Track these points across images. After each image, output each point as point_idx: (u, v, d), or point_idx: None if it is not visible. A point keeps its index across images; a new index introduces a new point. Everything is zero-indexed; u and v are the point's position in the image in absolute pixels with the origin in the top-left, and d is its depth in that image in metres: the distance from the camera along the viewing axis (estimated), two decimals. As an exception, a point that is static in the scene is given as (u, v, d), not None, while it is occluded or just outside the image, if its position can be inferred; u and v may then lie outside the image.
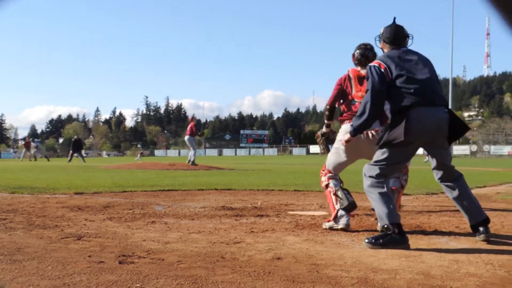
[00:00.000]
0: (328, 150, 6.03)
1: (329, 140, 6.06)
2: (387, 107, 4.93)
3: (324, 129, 6.15)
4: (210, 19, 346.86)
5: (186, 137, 23.74)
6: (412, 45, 5.14)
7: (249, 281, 3.24)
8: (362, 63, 5.88)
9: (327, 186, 5.81)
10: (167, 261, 3.79)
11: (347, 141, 5.33)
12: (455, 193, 4.92)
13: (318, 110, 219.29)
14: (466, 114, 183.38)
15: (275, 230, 5.38)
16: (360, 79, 5.81)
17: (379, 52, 5.53)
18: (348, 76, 5.89)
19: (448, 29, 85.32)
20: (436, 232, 5.38)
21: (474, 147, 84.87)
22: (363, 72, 5.76)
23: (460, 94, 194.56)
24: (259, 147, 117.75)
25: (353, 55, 5.97)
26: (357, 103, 5.74)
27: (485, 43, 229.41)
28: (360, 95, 5.75)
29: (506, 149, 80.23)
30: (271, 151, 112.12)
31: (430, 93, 4.76)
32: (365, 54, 5.89)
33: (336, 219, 5.49)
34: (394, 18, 5.19)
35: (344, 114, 5.90)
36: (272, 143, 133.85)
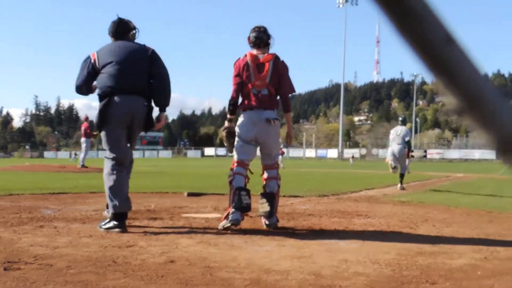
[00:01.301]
0: (233, 145, 6.01)
1: (232, 134, 6.02)
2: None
3: (226, 123, 6.10)
4: (103, 14, 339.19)
5: (83, 139, 23.05)
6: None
7: (141, 285, 3.20)
8: (257, 45, 6.03)
9: (230, 182, 5.87)
10: (56, 267, 3.66)
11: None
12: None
13: (214, 113, 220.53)
14: (356, 118, 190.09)
15: (168, 233, 5.34)
16: (259, 66, 5.91)
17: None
18: (247, 63, 5.93)
19: (341, 37, 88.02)
20: (327, 233, 5.54)
21: (364, 151, 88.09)
22: (260, 57, 5.92)
23: (351, 99, 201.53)
24: (154, 149, 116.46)
25: (249, 38, 6.10)
26: (258, 92, 5.89)
27: (375, 50, 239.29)
28: (259, 84, 5.86)
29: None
30: (166, 153, 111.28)
31: (131, 83, 5.62)
32: (259, 36, 6.03)
33: (227, 216, 5.61)
34: (117, 15, 6.00)
35: (245, 103, 5.97)
36: (166, 145, 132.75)
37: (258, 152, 6.11)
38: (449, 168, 38.14)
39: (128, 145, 5.83)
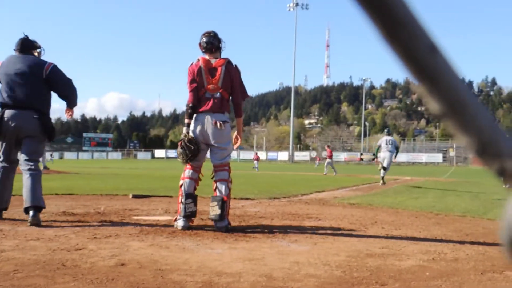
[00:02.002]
0: (193, 151, 5.92)
1: (194, 142, 5.96)
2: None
3: (184, 129, 6.05)
4: (55, 11, 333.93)
5: None
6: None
7: (91, 289, 3.15)
8: (209, 50, 6.11)
9: (181, 186, 6.04)
10: (2, 271, 3.57)
11: None
12: (24, 178, 6.07)
13: (164, 115, 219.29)
14: (307, 121, 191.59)
15: (119, 236, 5.27)
16: (211, 71, 6.00)
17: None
18: (200, 67, 6.01)
19: (291, 40, 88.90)
20: (278, 236, 5.55)
21: (314, 153, 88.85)
22: (213, 62, 6.02)
23: (301, 103, 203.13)
24: (103, 151, 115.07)
25: (200, 44, 6.16)
26: (211, 96, 5.98)
27: (325, 54, 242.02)
28: (212, 88, 5.96)
29: (342, 156, 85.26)
30: (115, 155, 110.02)
31: (20, 98, 6.10)
32: (210, 41, 6.11)
33: (176, 221, 5.93)
34: (23, 33, 6.47)
35: (199, 109, 6.02)
36: (116, 147, 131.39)
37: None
38: (398, 171, 38.81)
39: (22, 153, 6.19)
